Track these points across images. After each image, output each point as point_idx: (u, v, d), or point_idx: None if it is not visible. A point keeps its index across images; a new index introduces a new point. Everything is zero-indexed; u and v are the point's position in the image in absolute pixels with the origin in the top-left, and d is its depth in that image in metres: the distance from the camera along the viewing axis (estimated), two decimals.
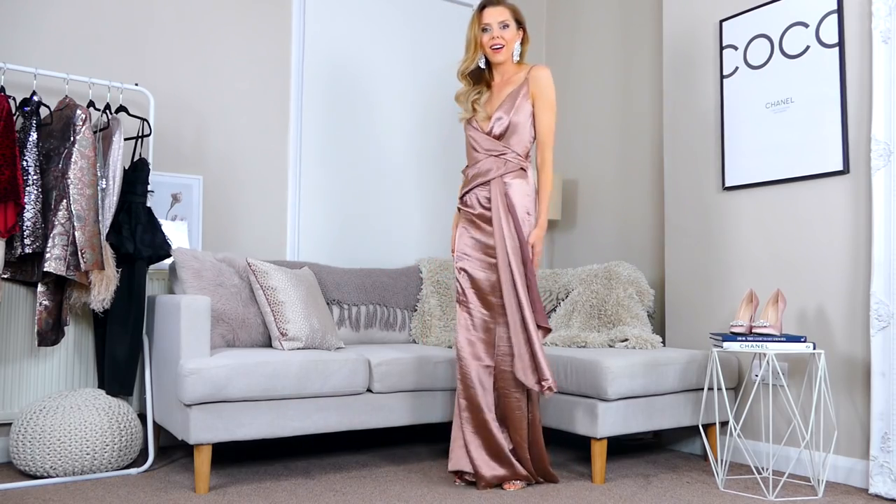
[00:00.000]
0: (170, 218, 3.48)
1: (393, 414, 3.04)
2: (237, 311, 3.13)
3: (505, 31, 2.85)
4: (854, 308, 2.89)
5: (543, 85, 2.85)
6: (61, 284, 2.97)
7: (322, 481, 2.85)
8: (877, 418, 2.72)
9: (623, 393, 2.89)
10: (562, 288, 3.81)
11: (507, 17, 2.86)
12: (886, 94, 2.76)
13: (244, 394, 2.72)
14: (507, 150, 2.85)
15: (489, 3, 2.87)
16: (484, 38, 2.86)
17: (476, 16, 2.88)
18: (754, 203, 3.27)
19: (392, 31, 4.18)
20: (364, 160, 4.08)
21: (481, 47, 2.88)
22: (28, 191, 2.84)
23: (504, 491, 2.72)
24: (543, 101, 2.85)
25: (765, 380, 3.08)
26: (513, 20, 2.87)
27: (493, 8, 2.86)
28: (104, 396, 2.96)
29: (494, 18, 2.84)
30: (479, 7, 2.89)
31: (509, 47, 2.87)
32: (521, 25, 2.91)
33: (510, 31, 2.86)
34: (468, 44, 2.91)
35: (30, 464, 2.79)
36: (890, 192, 2.74)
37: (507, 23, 2.85)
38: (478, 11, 2.88)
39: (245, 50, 3.76)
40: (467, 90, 2.95)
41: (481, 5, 2.88)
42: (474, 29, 2.87)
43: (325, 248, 3.92)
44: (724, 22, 3.40)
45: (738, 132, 3.33)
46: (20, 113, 2.95)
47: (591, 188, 4.35)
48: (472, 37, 2.89)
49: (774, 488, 2.74)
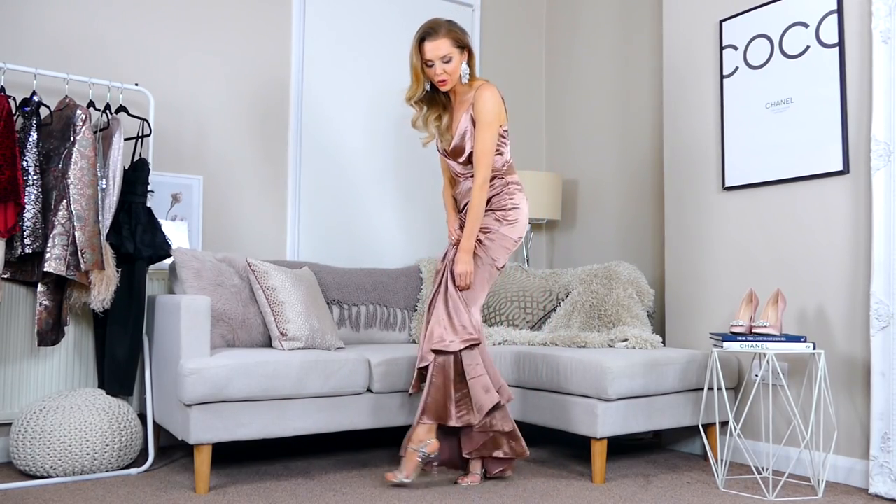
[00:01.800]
0: (170, 218, 3.48)
1: (393, 414, 3.04)
2: (237, 311, 3.13)
3: (448, 64, 2.80)
4: (854, 308, 2.89)
5: (479, 107, 2.81)
6: (61, 284, 2.97)
7: (322, 481, 2.85)
8: (877, 418, 2.72)
9: (623, 393, 2.89)
10: (562, 288, 3.81)
11: (448, 50, 2.78)
12: (886, 94, 2.76)
13: (244, 394, 2.72)
14: None
15: (427, 36, 2.78)
16: (428, 71, 2.83)
17: (415, 48, 2.81)
18: (754, 203, 3.27)
19: (393, 31, 4.18)
20: (364, 160, 4.08)
21: (425, 76, 2.85)
22: (28, 191, 2.84)
23: (504, 491, 2.73)
24: (480, 123, 2.82)
25: (765, 380, 3.08)
26: (454, 48, 2.79)
27: (432, 42, 2.77)
28: (104, 396, 2.96)
29: (435, 55, 2.78)
30: (417, 39, 2.81)
31: (454, 77, 2.83)
32: (463, 48, 2.83)
33: (453, 62, 2.80)
34: (412, 71, 2.86)
35: (30, 464, 2.79)
36: (890, 192, 2.74)
37: (449, 55, 2.79)
38: (416, 44, 2.81)
39: (245, 49, 3.76)
40: (424, 115, 2.94)
41: (419, 37, 2.81)
42: (415, 60, 2.83)
43: (325, 248, 3.92)
44: (724, 22, 3.40)
45: (738, 132, 3.33)
46: (20, 113, 2.94)
47: (591, 188, 4.36)
48: (414, 66, 2.84)
49: (774, 488, 2.74)
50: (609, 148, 4.26)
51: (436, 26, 2.81)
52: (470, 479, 2.82)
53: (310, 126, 3.91)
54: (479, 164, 2.83)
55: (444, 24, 2.82)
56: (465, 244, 2.82)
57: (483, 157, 2.82)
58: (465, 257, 2.81)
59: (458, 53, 2.82)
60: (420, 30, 2.83)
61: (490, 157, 2.84)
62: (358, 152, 4.06)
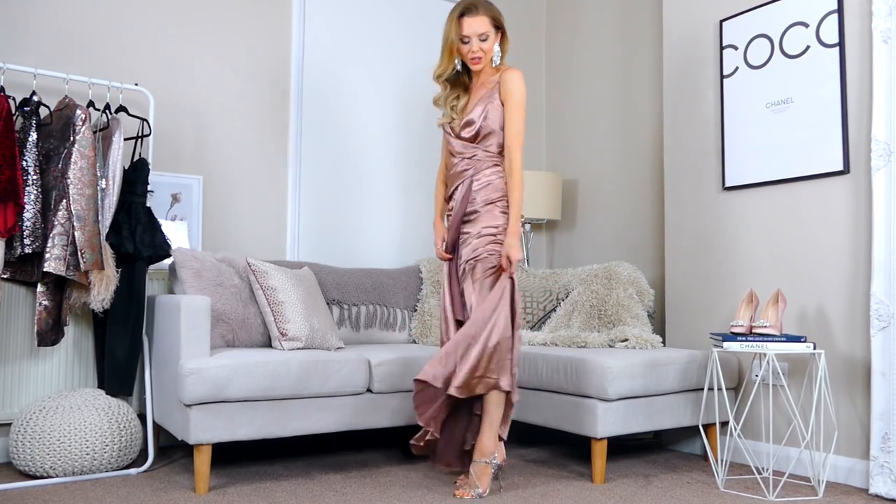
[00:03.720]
0: (170, 218, 3.48)
1: (393, 414, 3.04)
2: (237, 311, 3.13)
3: (485, 42, 2.76)
4: (854, 308, 2.89)
5: (511, 87, 2.76)
6: (61, 284, 2.97)
7: (322, 481, 2.85)
8: (877, 418, 2.72)
9: (623, 393, 2.89)
10: (562, 288, 3.81)
11: (487, 28, 2.74)
12: (886, 94, 2.76)
13: (244, 394, 2.72)
14: (478, 150, 2.80)
15: (468, 11, 2.74)
16: (463, 48, 2.77)
17: (454, 22, 2.75)
18: (754, 203, 3.27)
19: (392, 31, 4.18)
20: (364, 159, 4.08)
21: (458, 53, 2.80)
22: (28, 191, 2.84)
23: (503, 491, 2.72)
24: (511, 103, 2.76)
25: (765, 380, 3.08)
26: (492, 28, 2.76)
27: (472, 18, 2.73)
28: (104, 396, 2.96)
29: (474, 31, 2.73)
30: (457, 13, 2.75)
31: (488, 56, 2.80)
32: (499, 29, 2.81)
33: (489, 41, 2.77)
34: (444, 47, 2.80)
35: (30, 464, 2.79)
36: (890, 192, 2.73)
37: (487, 34, 2.75)
38: (456, 18, 2.76)
39: (245, 50, 3.76)
40: (445, 94, 2.89)
41: (460, 11, 2.77)
42: (452, 35, 2.77)
43: (325, 248, 3.92)
44: (725, 22, 3.40)
45: (738, 132, 3.33)
46: (20, 113, 2.94)
47: (591, 188, 4.35)
48: (449, 42, 2.77)
49: (774, 488, 2.74)
50: (609, 148, 4.26)
51: (477, 2, 2.77)
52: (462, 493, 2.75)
53: (310, 126, 3.91)
54: (512, 146, 2.75)
55: (484, 2, 2.79)
56: (515, 227, 2.72)
57: (516, 139, 2.75)
58: (515, 241, 2.72)
59: (493, 33, 2.78)
60: (460, 5, 2.79)
61: (522, 140, 2.76)
62: (358, 152, 4.06)
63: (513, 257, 2.70)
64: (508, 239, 2.72)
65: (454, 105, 2.87)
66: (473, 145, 2.81)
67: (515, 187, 2.74)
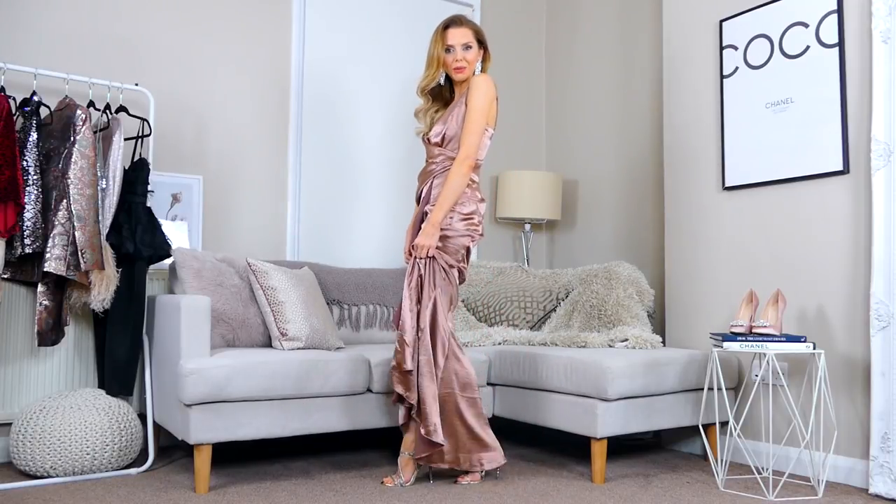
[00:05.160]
0: (170, 218, 3.48)
1: (393, 414, 3.04)
2: (237, 311, 3.14)
3: (468, 52, 2.89)
4: (854, 308, 2.89)
5: (474, 92, 2.85)
6: (61, 284, 2.97)
7: (322, 481, 2.85)
8: (877, 418, 2.72)
9: (623, 393, 2.89)
10: (562, 288, 3.81)
11: (470, 39, 2.89)
12: (886, 94, 2.76)
13: (244, 394, 2.72)
14: (444, 152, 2.91)
15: (452, 23, 2.91)
16: (447, 58, 2.90)
17: (439, 34, 2.91)
18: (754, 203, 3.27)
19: (393, 32, 4.18)
20: (364, 160, 4.08)
21: (443, 66, 2.92)
22: (28, 191, 2.84)
23: (503, 491, 2.73)
24: (471, 106, 2.84)
25: (765, 380, 3.08)
26: (475, 41, 2.91)
27: (456, 29, 2.89)
28: (104, 396, 2.96)
29: (457, 40, 2.88)
30: (442, 26, 2.92)
31: (471, 68, 2.92)
32: (482, 45, 2.95)
33: (472, 52, 2.90)
34: (430, 61, 2.93)
35: (30, 464, 2.79)
36: (890, 192, 2.73)
37: (470, 44, 2.89)
38: (441, 30, 2.91)
39: (245, 50, 3.77)
40: (427, 106, 3.01)
41: (444, 24, 2.92)
42: (437, 47, 2.90)
43: (325, 248, 3.92)
44: (724, 22, 3.40)
45: (737, 132, 3.33)
46: (20, 113, 2.94)
47: (591, 188, 4.36)
48: (434, 54, 2.92)
49: (774, 488, 2.74)
50: (609, 148, 4.26)
51: (461, 17, 2.96)
52: (470, 478, 2.82)
53: (310, 126, 3.91)
54: (465, 138, 2.83)
55: (468, 20, 2.97)
56: (435, 218, 2.80)
57: (469, 136, 2.82)
58: (428, 229, 2.81)
59: (476, 46, 2.92)
60: (444, 21, 2.94)
61: (477, 137, 2.84)
62: (358, 152, 4.06)
63: (417, 242, 2.82)
64: (425, 226, 2.83)
65: (434, 117, 2.99)
66: (440, 148, 2.93)
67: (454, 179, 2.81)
